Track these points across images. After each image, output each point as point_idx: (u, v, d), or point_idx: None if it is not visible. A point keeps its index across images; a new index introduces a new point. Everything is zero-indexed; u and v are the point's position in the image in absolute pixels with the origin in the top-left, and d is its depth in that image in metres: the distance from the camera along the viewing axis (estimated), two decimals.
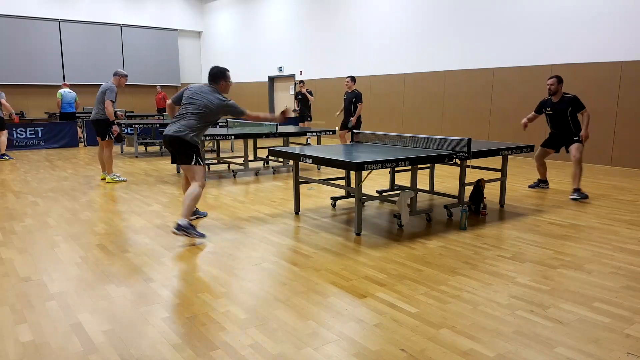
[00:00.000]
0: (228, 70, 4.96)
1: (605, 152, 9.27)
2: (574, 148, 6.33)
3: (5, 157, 10.17)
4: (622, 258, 3.98)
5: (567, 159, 9.68)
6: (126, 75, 7.33)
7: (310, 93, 12.96)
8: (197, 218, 5.28)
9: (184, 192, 4.83)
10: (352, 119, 9.18)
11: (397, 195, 4.92)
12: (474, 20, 11.14)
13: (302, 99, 12.76)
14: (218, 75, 4.88)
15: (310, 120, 12.80)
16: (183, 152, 4.52)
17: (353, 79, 9.26)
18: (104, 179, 7.61)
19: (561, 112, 6.37)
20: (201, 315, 2.93)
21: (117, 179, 7.50)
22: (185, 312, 2.96)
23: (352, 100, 9.21)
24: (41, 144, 12.31)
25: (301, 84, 13.07)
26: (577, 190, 6.21)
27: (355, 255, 4.03)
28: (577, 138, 6.35)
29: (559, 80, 6.36)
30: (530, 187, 7.03)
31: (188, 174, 4.62)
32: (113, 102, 7.11)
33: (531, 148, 5.74)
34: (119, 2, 18.89)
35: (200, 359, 2.44)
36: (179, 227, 4.31)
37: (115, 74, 7.22)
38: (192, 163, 4.53)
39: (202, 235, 4.50)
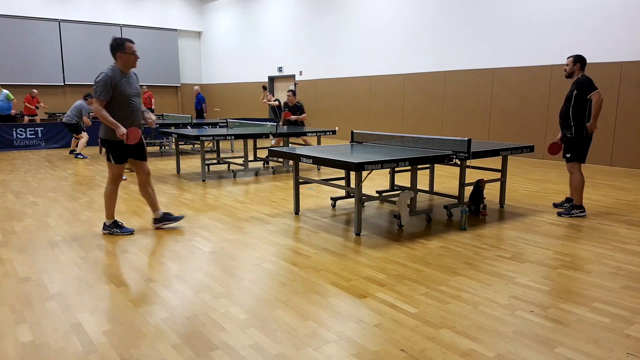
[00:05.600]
0: (128, 40, 4.46)
1: (605, 152, 9.27)
2: (567, 166, 5.47)
3: (79, 156, 10.48)
4: (622, 258, 3.98)
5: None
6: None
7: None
8: (164, 225, 4.87)
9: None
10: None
11: (397, 195, 4.92)
12: (474, 20, 11.15)
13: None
14: (112, 49, 4.42)
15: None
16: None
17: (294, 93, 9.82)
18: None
19: (568, 96, 5.37)
20: (201, 315, 2.92)
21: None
22: (185, 312, 2.96)
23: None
24: (41, 144, 12.32)
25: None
26: (570, 203, 5.53)
27: (355, 256, 4.03)
28: (568, 155, 5.39)
29: (576, 60, 5.29)
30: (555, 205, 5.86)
31: None
32: None
33: (531, 148, 5.74)
34: (119, 2, 18.89)
35: (200, 359, 2.44)
36: (104, 227, 4.69)
37: None
38: (107, 159, 4.54)
39: (128, 232, 4.66)
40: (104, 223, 4.68)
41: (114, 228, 4.65)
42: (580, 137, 5.32)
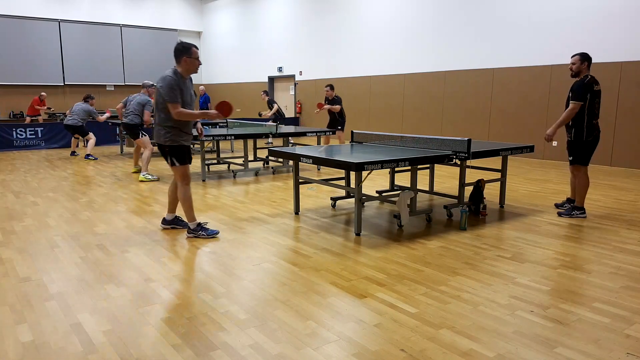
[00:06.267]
0: (193, 45, 4.35)
1: (605, 152, 9.27)
2: (570, 167, 5.40)
3: (90, 157, 10.41)
4: (622, 258, 3.98)
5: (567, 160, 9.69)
6: (153, 85, 7.96)
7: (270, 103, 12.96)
8: (172, 228, 4.85)
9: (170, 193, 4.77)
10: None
11: (397, 195, 4.92)
12: (474, 20, 11.15)
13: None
14: (178, 52, 4.31)
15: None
16: (163, 154, 4.43)
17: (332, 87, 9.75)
18: (135, 172, 8.41)
19: (567, 98, 5.20)
20: (201, 315, 2.92)
21: (149, 177, 7.69)
22: (185, 312, 2.96)
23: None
24: (41, 144, 12.32)
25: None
26: (571, 203, 5.47)
27: (355, 256, 4.03)
28: (571, 158, 5.29)
29: (583, 58, 5.07)
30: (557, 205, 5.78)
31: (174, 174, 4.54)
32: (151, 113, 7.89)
33: (531, 148, 5.73)
34: (119, 2, 18.88)
35: (200, 359, 2.44)
36: (189, 231, 4.56)
37: (145, 86, 8.17)
38: (170, 165, 4.42)
39: (214, 233, 4.57)
40: (188, 226, 4.54)
41: (199, 231, 4.52)
42: (580, 141, 5.17)
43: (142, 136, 8.07)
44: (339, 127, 9.66)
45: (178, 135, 4.33)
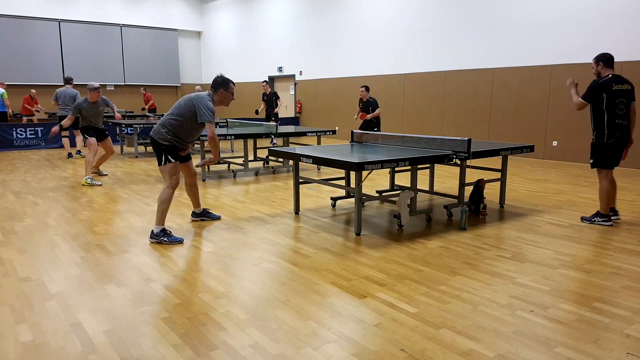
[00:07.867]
0: (232, 82, 4.49)
1: None
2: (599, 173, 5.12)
3: (80, 153, 10.27)
4: (622, 258, 3.98)
5: (568, 159, 9.68)
6: (97, 89, 7.29)
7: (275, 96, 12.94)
8: (202, 220, 5.19)
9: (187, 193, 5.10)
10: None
11: (397, 195, 4.92)
12: (474, 20, 11.15)
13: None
14: (217, 84, 4.44)
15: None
16: (157, 151, 4.42)
17: (367, 88, 9.47)
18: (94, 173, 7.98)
19: None
20: (201, 315, 2.93)
21: (89, 181, 7.23)
22: (185, 312, 2.96)
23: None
24: (41, 144, 12.32)
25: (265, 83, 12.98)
26: (597, 214, 5.11)
27: (355, 256, 4.03)
28: (592, 161, 5.05)
29: (596, 60, 4.96)
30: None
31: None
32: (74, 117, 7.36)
33: (531, 148, 5.73)
34: (119, 2, 18.89)
35: (200, 359, 2.44)
36: (151, 235, 4.43)
37: (89, 88, 7.30)
38: (162, 164, 4.40)
39: (177, 241, 4.39)
40: (152, 231, 4.42)
41: (162, 236, 4.37)
42: (601, 144, 4.94)
43: (86, 138, 7.43)
44: (375, 129, 9.49)
45: (177, 141, 4.43)
